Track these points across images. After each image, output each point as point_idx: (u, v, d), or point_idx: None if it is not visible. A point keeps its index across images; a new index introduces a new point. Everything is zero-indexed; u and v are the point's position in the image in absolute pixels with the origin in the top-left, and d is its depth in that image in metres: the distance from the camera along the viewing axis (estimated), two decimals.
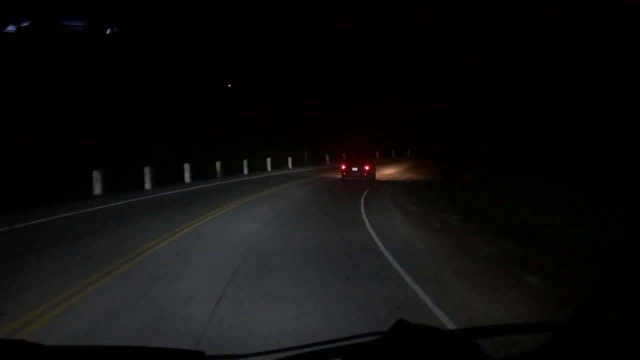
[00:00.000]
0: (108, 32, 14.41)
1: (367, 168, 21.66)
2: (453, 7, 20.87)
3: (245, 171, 25.28)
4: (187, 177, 19.02)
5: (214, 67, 27.86)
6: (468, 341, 1.00)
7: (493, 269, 6.16)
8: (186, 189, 16.17)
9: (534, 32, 15.12)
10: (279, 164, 29.57)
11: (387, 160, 39.87)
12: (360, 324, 3.94)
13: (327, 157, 36.70)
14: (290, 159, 31.28)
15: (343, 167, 22.22)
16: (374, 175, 22.46)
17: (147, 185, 16.10)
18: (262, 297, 4.73)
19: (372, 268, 6.04)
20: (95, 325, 3.92)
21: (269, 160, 28.20)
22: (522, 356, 1.01)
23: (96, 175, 13.81)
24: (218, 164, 21.81)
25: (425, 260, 6.68)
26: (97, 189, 13.81)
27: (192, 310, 4.26)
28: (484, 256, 6.93)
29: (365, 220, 10.14)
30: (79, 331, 3.79)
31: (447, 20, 21.65)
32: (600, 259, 5.84)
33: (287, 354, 1.04)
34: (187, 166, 19.11)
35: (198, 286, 5.00)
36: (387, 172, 28.12)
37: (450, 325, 4.06)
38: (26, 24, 12.09)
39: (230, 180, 20.25)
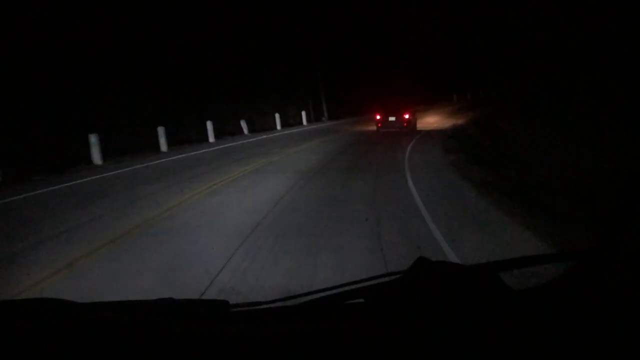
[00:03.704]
0: None
1: (407, 117, 19.31)
2: None
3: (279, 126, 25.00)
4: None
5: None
6: (491, 275, 0.98)
7: None
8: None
9: None
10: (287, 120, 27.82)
11: (424, 108, 37.71)
12: None
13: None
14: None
15: (378, 117, 19.62)
16: (415, 125, 20.64)
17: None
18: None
19: None
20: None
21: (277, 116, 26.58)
22: (543, 287, 1.01)
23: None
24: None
25: None
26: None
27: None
28: None
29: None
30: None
31: None
32: None
33: (310, 297, 1.07)
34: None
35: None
36: (430, 120, 26.96)
37: None
38: None
39: (264, 136, 19.84)
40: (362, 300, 1.01)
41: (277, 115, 24.92)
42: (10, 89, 13.03)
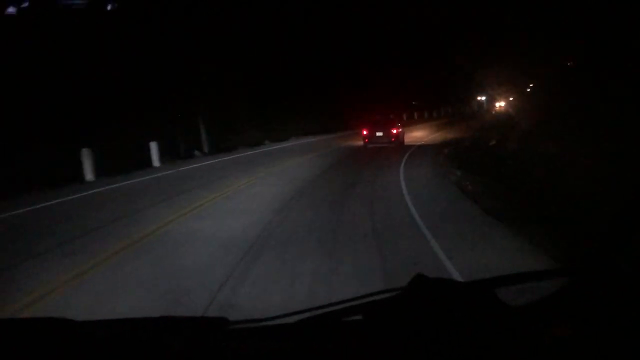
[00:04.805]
0: (109, 8, 13.59)
1: (394, 132, 19.66)
2: None
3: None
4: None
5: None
6: (486, 292, 1.01)
7: None
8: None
9: None
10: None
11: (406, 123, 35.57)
12: None
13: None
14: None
15: (365, 132, 19.94)
16: (403, 141, 20.74)
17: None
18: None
19: None
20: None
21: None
22: (539, 303, 1.02)
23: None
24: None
25: None
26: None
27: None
28: None
29: None
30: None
31: None
32: None
33: (309, 314, 1.08)
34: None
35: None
36: (416, 134, 27.13)
37: None
38: (26, 4, 11.54)
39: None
40: (360, 317, 1.02)
41: (85, 152, 13.71)
42: None
